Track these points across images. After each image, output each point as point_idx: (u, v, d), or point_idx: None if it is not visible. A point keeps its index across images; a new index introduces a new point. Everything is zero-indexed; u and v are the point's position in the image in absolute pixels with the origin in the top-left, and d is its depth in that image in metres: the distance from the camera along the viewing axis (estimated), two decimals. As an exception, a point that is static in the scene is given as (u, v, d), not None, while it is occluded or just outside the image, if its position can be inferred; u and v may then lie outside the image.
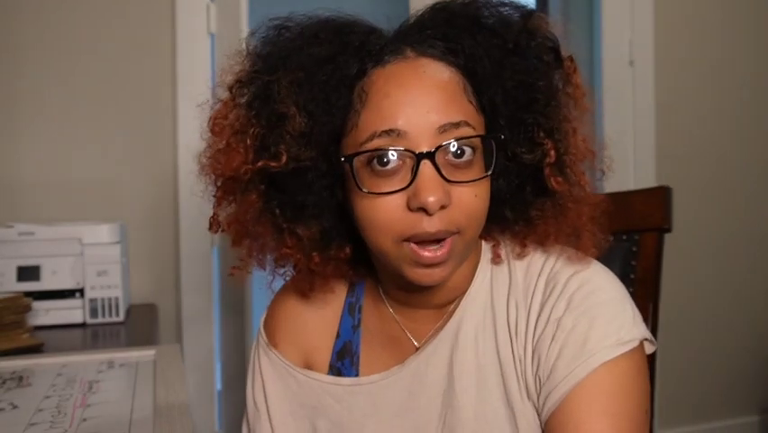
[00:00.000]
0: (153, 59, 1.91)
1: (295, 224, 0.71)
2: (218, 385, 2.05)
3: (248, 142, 0.67)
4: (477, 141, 0.66)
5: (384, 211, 0.65)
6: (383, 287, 0.79)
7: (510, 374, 0.71)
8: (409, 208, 0.64)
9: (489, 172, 0.67)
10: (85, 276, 1.56)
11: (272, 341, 0.82)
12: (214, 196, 0.72)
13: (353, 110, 0.67)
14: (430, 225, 0.64)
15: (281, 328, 0.82)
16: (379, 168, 0.65)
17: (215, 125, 0.70)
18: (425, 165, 0.64)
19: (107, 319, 1.56)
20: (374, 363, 0.78)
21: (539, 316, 0.70)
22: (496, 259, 0.75)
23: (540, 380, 0.69)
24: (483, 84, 0.68)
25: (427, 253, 0.65)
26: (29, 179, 1.81)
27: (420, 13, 0.72)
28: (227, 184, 0.70)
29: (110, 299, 1.57)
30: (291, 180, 0.69)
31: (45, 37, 1.82)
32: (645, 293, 0.98)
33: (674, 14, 2.41)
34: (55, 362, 1.01)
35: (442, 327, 0.75)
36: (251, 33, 0.71)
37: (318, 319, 0.81)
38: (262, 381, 0.81)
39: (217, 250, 1.99)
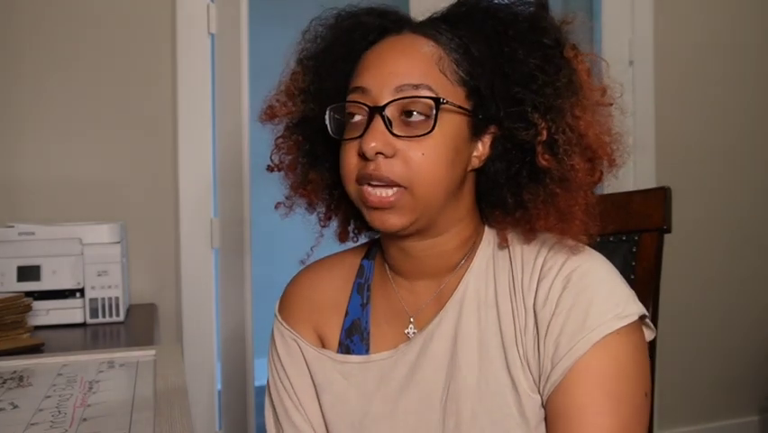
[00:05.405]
0: (153, 59, 1.91)
1: (309, 169, 0.84)
2: (218, 385, 2.05)
3: (283, 97, 0.84)
4: (434, 106, 0.71)
5: (346, 156, 0.75)
6: (387, 260, 0.83)
7: (511, 344, 0.75)
8: (359, 155, 0.73)
9: (428, 132, 0.71)
10: (85, 276, 1.56)
11: (286, 320, 0.87)
12: (275, 139, 0.87)
13: (351, 74, 0.77)
14: (372, 167, 0.71)
15: (294, 308, 0.87)
16: (350, 121, 0.75)
17: (283, 86, 0.85)
18: (377, 118, 0.72)
19: (107, 319, 1.57)
20: (383, 339, 0.82)
21: (537, 293, 0.74)
22: (501, 243, 0.79)
23: (542, 355, 0.72)
24: (479, 65, 0.74)
25: (373, 198, 0.72)
26: (29, 180, 1.81)
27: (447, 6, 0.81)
28: (278, 132, 0.86)
29: (110, 299, 1.57)
30: (308, 131, 0.83)
31: (45, 37, 1.82)
32: (645, 293, 0.98)
33: (674, 14, 2.41)
34: (55, 362, 1.01)
35: (446, 301, 0.79)
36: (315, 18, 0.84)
37: (328, 299, 0.86)
38: (280, 360, 0.86)
39: (217, 250, 2.00)
